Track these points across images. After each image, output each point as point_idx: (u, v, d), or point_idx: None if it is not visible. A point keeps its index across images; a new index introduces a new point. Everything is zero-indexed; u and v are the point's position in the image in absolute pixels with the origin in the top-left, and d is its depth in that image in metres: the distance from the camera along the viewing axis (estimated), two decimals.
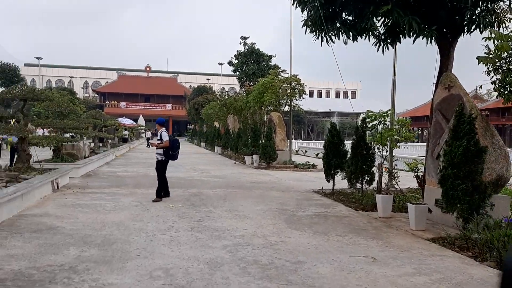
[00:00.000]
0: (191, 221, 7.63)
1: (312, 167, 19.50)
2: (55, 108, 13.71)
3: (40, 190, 9.40)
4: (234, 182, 13.60)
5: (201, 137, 46.03)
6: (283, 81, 21.72)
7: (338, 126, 12.91)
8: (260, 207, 9.33)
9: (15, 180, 9.68)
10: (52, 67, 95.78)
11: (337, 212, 9.04)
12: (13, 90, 9.98)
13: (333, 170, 11.70)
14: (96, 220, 7.49)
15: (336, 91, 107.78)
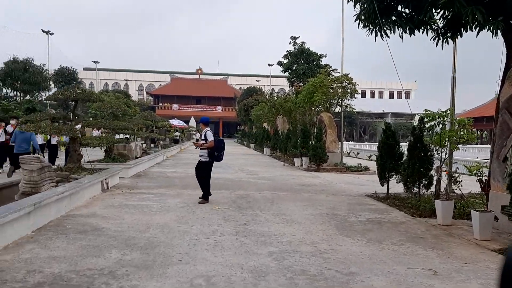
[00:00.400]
0: (236, 225, 7.33)
1: (365, 169, 18.78)
2: (107, 109, 13.92)
3: (90, 190, 9.46)
4: (282, 185, 13.22)
5: (250, 139, 46.00)
6: (334, 81, 21.08)
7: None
8: (309, 211, 8.90)
9: (66, 180, 9.80)
10: (109, 70, 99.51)
11: (392, 218, 8.45)
12: (65, 91, 10.15)
13: (387, 173, 11.06)
14: (141, 221, 7.36)
15: (389, 91, 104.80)
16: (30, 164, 8.07)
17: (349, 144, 43.95)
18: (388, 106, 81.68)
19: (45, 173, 8.36)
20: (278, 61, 32.76)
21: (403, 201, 10.37)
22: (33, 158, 8.22)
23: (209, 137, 9.45)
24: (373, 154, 32.76)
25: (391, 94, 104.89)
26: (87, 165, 11.49)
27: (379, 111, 77.60)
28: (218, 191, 11.22)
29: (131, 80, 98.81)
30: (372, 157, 30.77)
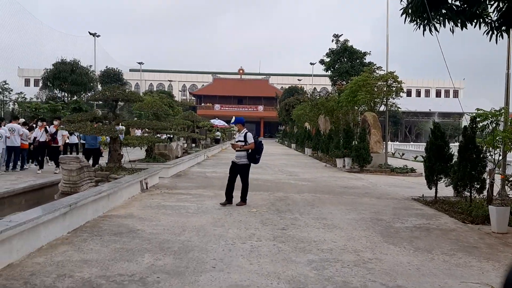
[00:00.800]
0: (274, 229, 7.03)
1: (411, 171, 18.00)
2: (147, 109, 13.96)
3: (128, 190, 9.42)
4: (323, 187, 12.79)
5: (291, 139, 45.58)
6: (379, 79, 20.33)
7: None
8: (352, 215, 8.46)
9: (106, 180, 9.83)
10: (154, 71, 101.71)
11: (441, 225, 7.89)
12: (105, 91, 10.20)
13: (436, 176, 10.44)
14: (177, 223, 7.19)
15: (436, 89, 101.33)
16: (70, 164, 8.10)
17: (393, 145, 42.70)
18: (434, 105, 79.05)
19: (84, 173, 8.38)
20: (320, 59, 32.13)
21: (452, 206, 9.74)
22: (72, 158, 8.25)
23: (249, 138, 9.02)
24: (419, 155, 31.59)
25: (438, 93, 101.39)
26: (127, 164, 11.52)
27: (426, 110, 75.18)
28: (256, 193, 10.96)
29: (175, 81, 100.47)
30: (418, 158, 29.66)
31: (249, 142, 8.96)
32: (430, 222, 8.06)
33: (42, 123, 13.90)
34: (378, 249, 6.05)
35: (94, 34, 40.14)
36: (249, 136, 9.04)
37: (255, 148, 9.00)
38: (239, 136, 9.13)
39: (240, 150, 9.02)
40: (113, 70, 44.82)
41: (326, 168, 19.85)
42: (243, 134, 9.10)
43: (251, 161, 9.14)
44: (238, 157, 9.09)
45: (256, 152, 9.07)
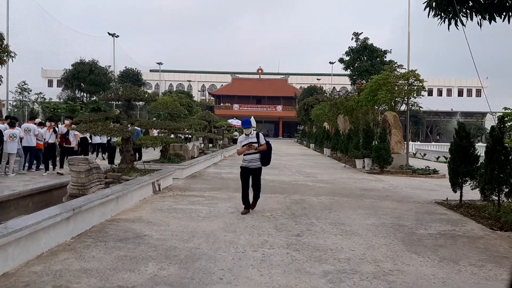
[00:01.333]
0: (288, 236, 6.64)
1: (433, 172, 17.34)
2: (162, 109, 13.73)
3: (139, 192, 9.16)
4: (342, 189, 12.33)
5: (310, 138, 45.02)
6: (400, 77, 19.69)
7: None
8: (371, 220, 8.01)
9: (117, 181, 9.59)
10: (173, 72, 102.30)
11: (467, 232, 7.38)
12: (117, 90, 9.97)
13: (461, 178, 9.90)
14: (186, 228, 6.87)
15: (458, 89, 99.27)
16: (78, 165, 7.86)
17: (415, 145, 41.79)
18: (456, 104, 77.39)
19: (93, 175, 8.13)
20: (340, 58, 31.49)
21: (479, 211, 9.22)
22: (81, 159, 8.01)
23: (262, 139, 8.48)
24: (441, 155, 30.76)
25: (460, 92, 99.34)
26: (140, 165, 11.28)
27: (447, 110, 73.59)
28: (272, 195, 10.60)
29: (194, 81, 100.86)
30: (440, 159, 28.88)
31: (262, 143, 8.44)
32: (455, 229, 7.56)
33: (50, 123, 13.58)
34: (400, 259, 5.61)
35: (113, 34, 40.33)
36: (262, 137, 8.56)
37: (267, 149, 8.55)
38: (251, 138, 8.43)
39: (254, 152, 8.36)
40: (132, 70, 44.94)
41: (345, 169, 19.34)
42: (254, 135, 8.50)
43: (264, 163, 8.59)
44: (252, 160, 8.42)
45: (269, 153, 8.59)
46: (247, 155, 8.38)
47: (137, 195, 8.91)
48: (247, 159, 8.41)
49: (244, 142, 8.43)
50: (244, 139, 8.49)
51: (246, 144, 8.35)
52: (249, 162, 8.41)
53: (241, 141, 8.51)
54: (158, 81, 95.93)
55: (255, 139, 8.41)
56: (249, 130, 8.53)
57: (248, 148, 8.30)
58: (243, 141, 8.46)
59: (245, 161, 8.45)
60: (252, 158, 8.41)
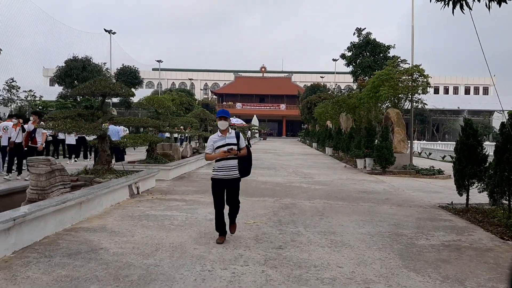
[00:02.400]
0: (268, 248, 5.78)
1: (438, 173, 16.41)
2: (148, 106, 12.91)
3: (112, 196, 8.33)
4: (338, 191, 11.44)
5: (312, 138, 44.11)
6: (403, 73, 18.74)
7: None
8: (366, 228, 7.14)
9: (90, 184, 8.77)
10: (176, 70, 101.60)
11: (475, 242, 6.49)
12: (91, 85, 9.14)
13: (467, 180, 9.01)
14: (152, 239, 6.02)
15: (465, 87, 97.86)
16: (38, 167, 7.04)
17: (420, 144, 40.77)
18: (463, 102, 76.09)
19: (56, 177, 7.31)
20: (341, 53, 30.49)
21: (487, 216, 8.34)
22: (42, 160, 7.18)
23: (242, 142, 6.24)
24: (447, 154, 29.74)
25: (467, 90, 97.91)
26: (119, 166, 10.45)
27: (454, 108, 72.36)
28: (260, 199, 9.74)
29: (197, 80, 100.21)
30: (446, 158, 27.90)
31: (242, 147, 6.18)
32: (461, 239, 6.67)
33: (17, 120, 12.17)
34: (395, 278, 4.75)
35: (109, 31, 39.58)
36: (242, 138, 6.29)
37: (248, 155, 6.26)
38: (229, 138, 6.11)
39: (231, 158, 6.05)
40: (129, 67, 44.17)
41: (345, 169, 18.43)
42: (232, 134, 6.19)
43: (243, 174, 6.28)
44: (228, 168, 6.06)
45: (249, 160, 6.33)
46: (220, 161, 6.03)
47: (108, 199, 8.08)
48: (221, 166, 6.05)
49: (219, 143, 6.04)
50: (218, 139, 6.08)
51: (223, 147, 5.98)
52: (224, 171, 6.07)
53: (215, 141, 6.06)
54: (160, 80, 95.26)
55: (234, 140, 6.08)
56: (225, 124, 6.13)
57: (227, 154, 5.92)
58: (217, 141, 6.06)
59: (218, 169, 6.08)
60: (228, 165, 6.06)
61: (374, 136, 18.72)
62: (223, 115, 6.20)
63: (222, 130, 6.17)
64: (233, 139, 6.12)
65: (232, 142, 6.09)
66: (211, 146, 6.12)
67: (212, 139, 6.19)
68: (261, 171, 16.35)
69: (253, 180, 13.18)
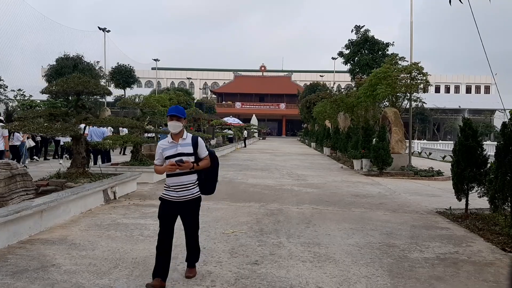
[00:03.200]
0: (243, 264, 5.17)
1: (437, 174, 15.81)
2: (132, 105, 12.34)
3: (83, 202, 7.74)
4: (331, 195, 10.83)
5: (311, 137, 43.51)
6: (401, 71, 18.11)
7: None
8: (355, 238, 6.53)
9: (61, 189, 8.18)
10: (175, 70, 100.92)
11: (473, 254, 5.88)
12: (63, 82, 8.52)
13: (466, 185, 8.39)
14: (114, 254, 5.42)
15: (466, 85, 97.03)
16: None
17: (420, 143, 40.10)
18: (464, 101, 75.38)
19: (17, 183, 6.72)
20: (339, 51, 29.83)
21: (488, 223, 7.75)
22: (0, 164, 6.59)
23: (202, 149, 4.65)
24: (448, 154, 29.09)
25: (468, 89, 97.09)
26: (96, 169, 9.85)
27: (455, 107, 71.65)
28: (245, 204, 9.14)
29: (196, 79, 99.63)
30: (446, 158, 27.25)
31: (203, 156, 4.64)
32: (458, 250, 6.06)
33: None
34: None
35: (104, 29, 39.01)
36: (202, 144, 4.69)
37: (212, 166, 4.74)
38: (183, 145, 4.52)
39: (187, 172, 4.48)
40: (124, 66, 43.52)
41: (341, 171, 17.82)
42: (188, 139, 4.59)
43: (206, 191, 4.77)
44: (182, 186, 4.50)
45: (215, 173, 4.82)
46: (172, 177, 4.51)
47: (77, 206, 7.48)
48: (171, 184, 4.52)
49: (169, 152, 4.49)
50: (168, 147, 4.52)
51: (173, 157, 4.41)
52: (175, 191, 4.50)
53: (164, 148, 4.53)
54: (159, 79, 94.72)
55: (189, 149, 4.52)
56: (177, 126, 4.48)
57: (174, 168, 4.34)
58: (167, 149, 4.51)
59: (167, 188, 4.56)
60: (181, 183, 4.49)
61: (371, 136, 18.10)
62: (175, 114, 4.45)
63: (173, 134, 4.52)
64: (187, 147, 4.49)
65: (185, 151, 4.46)
66: (160, 155, 4.56)
67: (161, 146, 4.56)
68: (253, 172, 15.76)
69: (242, 183, 12.60)
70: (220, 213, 8.13)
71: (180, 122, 4.50)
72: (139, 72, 76.27)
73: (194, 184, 4.57)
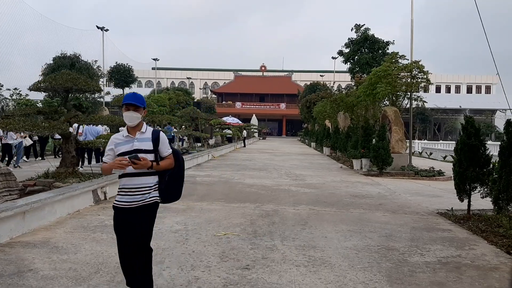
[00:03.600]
0: (233, 269, 4.89)
1: (438, 174, 15.52)
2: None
3: (71, 203, 7.46)
4: (329, 195, 10.54)
5: (311, 137, 43.23)
6: (402, 69, 17.81)
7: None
8: (353, 241, 6.24)
9: (49, 189, 7.91)
10: (175, 69, 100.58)
11: (477, 258, 5.59)
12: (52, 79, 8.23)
13: (468, 185, 8.10)
14: (97, 258, 5.13)
15: (467, 85, 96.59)
16: None
17: (421, 143, 39.83)
18: (465, 101, 75.01)
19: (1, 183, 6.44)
20: (339, 50, 29.53)
21: (491, 225, 7.48)
22: None
23: (164, 146, 3.83)
24: (448, 154, 28.80)
25: (469, 89, 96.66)
26: (87, 169, 9.58)
27: (456, 107, 71.31)
28: (240, 205, 8.85)
29: (196, 79, 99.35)
30: (447, 158, 26.97)
31: (165, 155, 3.83)
32: (461, 254, 5.77)
33: None
34: None
35: (102, 28, 38.73)
36: (164, 140, 3.89)
37: (176, 166, 3.90)
38: (140, 140, 3.73)
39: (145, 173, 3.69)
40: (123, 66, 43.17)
41: (340, 171, 17.53)
42: (147, 134, 3.79)
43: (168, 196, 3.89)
44: (136, 190, 3.69)
45: (179, 174, 3.94)
46: (124, 177, 3.72)
47: (64, 207, 7.19)
48: (123, 187, 3.73)
49: (123, 147, 3.70)
50: (123, 141, 3.74)
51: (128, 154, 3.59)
52: (127, 195, 3.70)
53: (117, 144, 3.74)
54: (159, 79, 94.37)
55: (148, 145, 3.73)
56: (134, 118, 3.71)
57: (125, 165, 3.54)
58: (120, 144, 3.73)
59: (120, 191, 3.76)
60: (135, 185, 3.68)
61: (371, 136, 17.81)
62: (132, 102, 3.68)
63: (130, 127, 3.74)
64: (146, 142, 3.70)
65: (143, 147, 3.67)
66: (111, 151, 3.74)
67: (113, 141, 3.77)
68: (250, 172, 15.48)
69: (238, 183, 12.33)
70: (214, 214, 7.85)
71: (138, 113, 3.71)
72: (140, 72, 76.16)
73: (151, 187, 3.71)
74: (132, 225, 3.68)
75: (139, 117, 3.74)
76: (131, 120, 3.71)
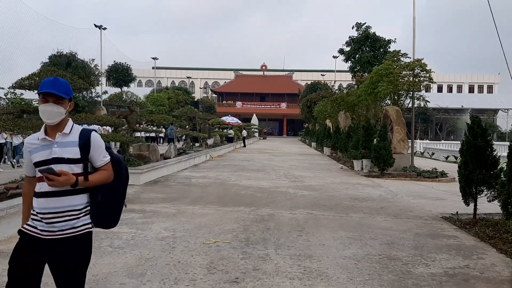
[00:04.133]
0: (220, 282, 4.46)
1: (441, 175, 15.05)
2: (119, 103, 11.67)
3: None
4: (328, 198, 10.11)
5: (312, 137, 42.80)
6: (404, 67, 17.37)
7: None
8: (352, 249, 5.81)
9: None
10: (176, 69, 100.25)
11: (486, 269, 5.16)
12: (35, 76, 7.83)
13: (475, 188, 7.66)
14: None
15: (469, 85, 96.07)
16: None
17: (423, 143, 39.44)
18: (467, 101, 74.61)
19: None
20: (340, 48, 29.07)
21: (499, 231, 7.05)
22: None
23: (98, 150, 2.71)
24: (451, 154, 28.36)
25: (471, 88, 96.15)
26: None
27: (458, 107, 70.87)
28: (234, 209, 8.43)
29: (196, 78, 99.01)
30: (449, 158, 26.52)
31: (100, 164, 2.72)
32: (469, 264, 5.34)
33: None
34: None
35: (100, 26, 38.30)
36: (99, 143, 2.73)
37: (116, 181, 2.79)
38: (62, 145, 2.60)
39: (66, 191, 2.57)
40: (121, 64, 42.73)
41: (341, 172, 17.10)
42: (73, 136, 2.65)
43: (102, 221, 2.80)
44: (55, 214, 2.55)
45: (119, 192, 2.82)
46: (41, 198, 2.57)
47: None
48: (43, 211, 2.56)
49: (39, 155, 2.61)
50: (39, 146, 2.62)
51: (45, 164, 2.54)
52: (44, 219, 2.57)
53: (31, 150, 2.64)
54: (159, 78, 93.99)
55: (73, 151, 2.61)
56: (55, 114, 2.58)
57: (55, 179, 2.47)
58: (36, 150, 2.62)
59: (35, 217, 2.61)
60: (59, 207, 2.57)
61: (372, 136, 17.38)
62: (51, 91, 2.59)
63: (49, 125, 2.65)
64: (71, 148, 2.62)
65: (66, 155, 2.59)
66: (28, 161, 2.73)
67: (27, 146, 2.72)
68: (248, 173, 15.06)
69: (234, 185, 11.91)
70: (205, 219, 7.42)
71: (61, 106, 2.61)
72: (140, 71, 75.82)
73: (79, 211, 2.63)
74: (50, 263, 2.61)
75: (62, 113, 2.62)
76: (51, 116, 2.58)
